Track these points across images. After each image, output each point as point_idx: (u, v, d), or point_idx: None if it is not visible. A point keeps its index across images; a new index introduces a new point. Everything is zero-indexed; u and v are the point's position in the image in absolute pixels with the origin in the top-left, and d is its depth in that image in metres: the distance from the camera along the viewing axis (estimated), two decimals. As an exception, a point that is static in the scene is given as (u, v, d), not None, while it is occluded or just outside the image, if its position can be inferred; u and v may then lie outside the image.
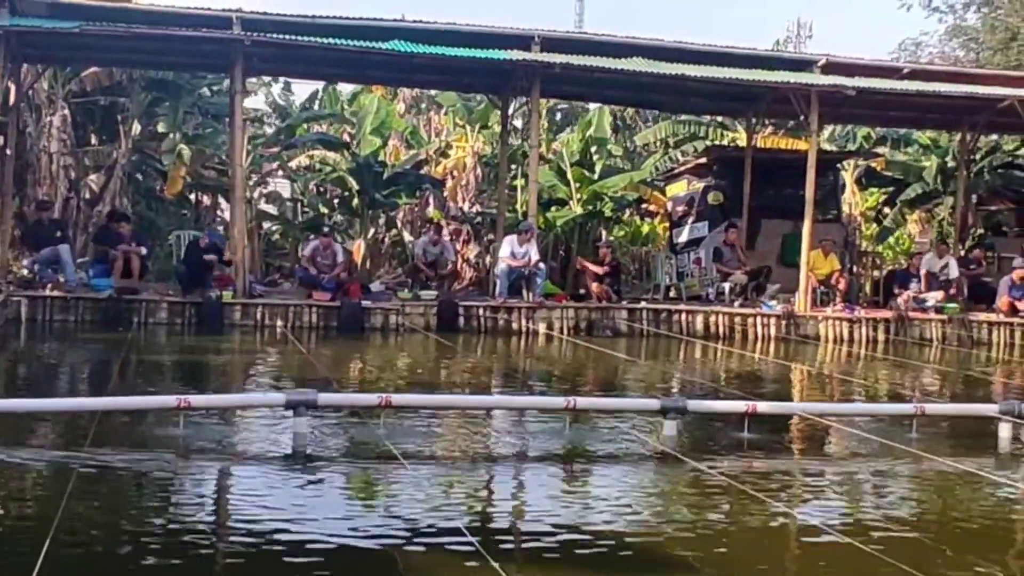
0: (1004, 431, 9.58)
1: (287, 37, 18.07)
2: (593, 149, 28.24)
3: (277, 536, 6.17)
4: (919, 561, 5.83)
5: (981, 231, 25.88)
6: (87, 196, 23.20)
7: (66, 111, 22.01)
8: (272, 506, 6.86)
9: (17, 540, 5.86)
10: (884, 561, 5.79)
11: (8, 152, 19.37)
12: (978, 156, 26.95)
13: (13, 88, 19.45)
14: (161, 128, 25.15)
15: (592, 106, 31.12)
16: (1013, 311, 19.80)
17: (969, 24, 34.33)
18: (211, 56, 19.69)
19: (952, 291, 20.28)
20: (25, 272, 18.19)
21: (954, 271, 20.80)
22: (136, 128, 23.81)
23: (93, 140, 24.47)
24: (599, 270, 19.84)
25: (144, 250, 19.28)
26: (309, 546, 5.98)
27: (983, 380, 15.24)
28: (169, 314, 17.37)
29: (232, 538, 6.30)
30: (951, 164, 27.39)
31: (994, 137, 27.43)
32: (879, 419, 10.42)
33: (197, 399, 8.77)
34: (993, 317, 19.87)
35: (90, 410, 9.02)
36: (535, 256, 19.16)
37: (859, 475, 8.56)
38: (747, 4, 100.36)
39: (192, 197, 27.49)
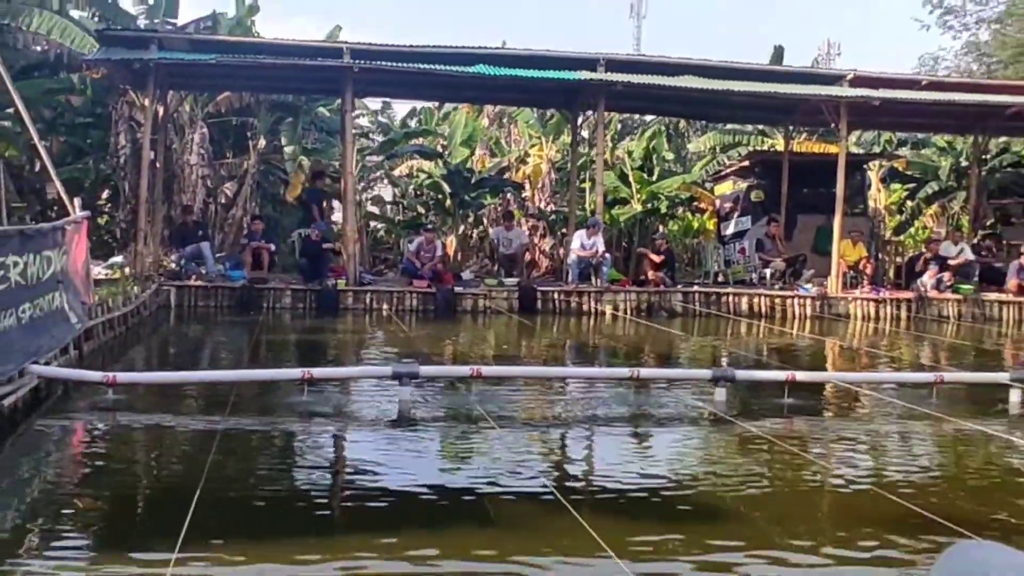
0: (1015, 396, 9.46)
1: (389, 64, 18.21)
2: (654, 156, 28.16)
3: (386, 486, 6.25)
4: (939, 507, 5.76)
5: (991, 222, 25.32)
6: (222, 201, 23.53)
7: (204, 130, 22.30)
8: (381, 461, 6.95)
9: (173, 491, 6.01)
10: (908, 508, 5.73)
11: (158, 165, 19.78)
12: (989, 156, 26.42)
13: (161, 111, 19.85)
14: (283, 142, 25.44)
15: (649, 118, 30.97)
16: (1021, 291, 19.54)
17: (981, 40, 33.52)
18: (325, 81, 19.90)
19: (960, 269, 20.00)
20: (173, 266, 18.51)
21: (969, 254, 20.53)
22: (262, 143, 24.06)
23: (227, 154, 24.78)
24: (656, 258, 19.82)
25: (272, 246, 19.69)
26: (413, 494, 6.06)
27: (995, 352, 14.96)
28: (292, 300, 17.60)
29: (347, 488, 6.39)
30: (964, 164, 26.88)
31: (1004, 139, 26.81)
32: (903, 386, 10.31)
33: (318, 371, 8.90)
34: (1003, 297, 19.57)
35: (229, 381, 9.23)
36: (601, 247, 19.16)
37: (886, 435, 8.46)
38: (780, 24, 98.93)
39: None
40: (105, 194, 24.08)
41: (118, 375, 8.60)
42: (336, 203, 25.13)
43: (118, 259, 18.95)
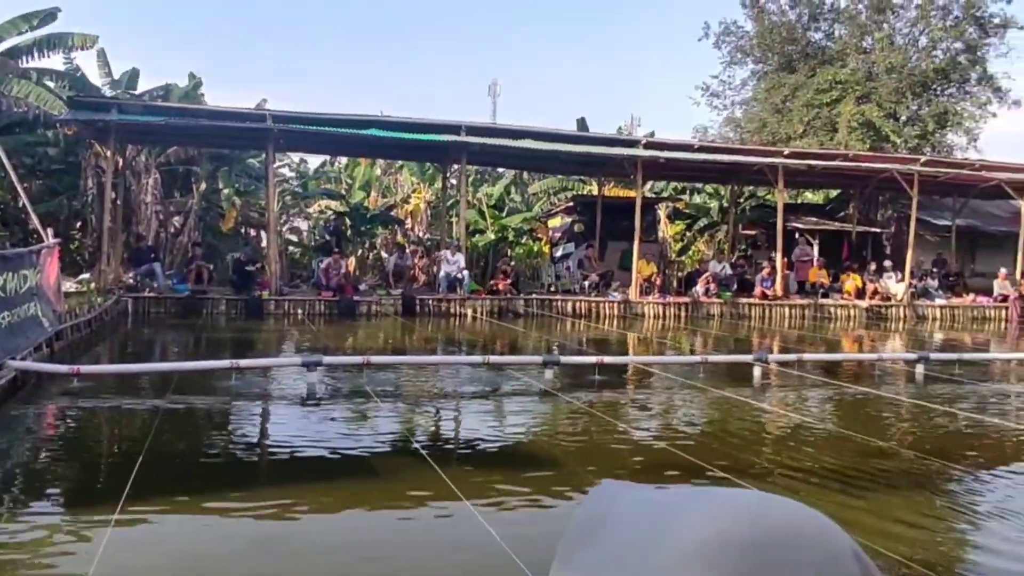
0: (756, 372, 9.85)
1: (302, 127, 17.83)
2: (504, 198, 28.38)
3: (296, 448, 6.12)
4: (705, 454, 5.96)
5: (744, 246, 26.33)
6: (171, 231, 22.61)
7: (156, 175, 21.37)
8: (293, 430, 6.80)
9: (121, 455, 5.76)
10: (683, 456, 5.92)
11: (118, 203, 18.90)
12: (742, 200, 27.51)
13: (121, 160, 18.99)
14: (220, 185, 24.62)
15: (500, 170, 31.17)
16: (764, 296, 20.35)
17: (737, 116, 34.88)
18: (252, 139, 19.31)
19: (725, 282, 20.80)
20: (130, 281, 17.70)
21: (729, 271, 21.31)
22: (203, 185, 23.19)
23: (175, 194, 23.79)
24: (506, 282, 19.74)
25: (211, 265, 19.00)
26: (316, 454, 5.95)
27: (745, 340, 15.57)
28: (227, 307, 17.00)
29: (268, 450, 6.23)
30: (726, 205, 27.88)
31: (751, 188, 27.93)
32: (681, 366, 10.63)
33: (244, 362, 8.65)
34: (752, 300, 20.32)
35: (173, 371, 8.87)
36: (462, 263, 19.18)
37: (669, 401, 8.71)
38: (596, 99, 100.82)
39: (242, 230, 26.92)
40: (77, 225, 22.85)
41: (82, 368, 8.19)
42: (263, 233, 24.45)
43: (86, 276, 18.04)
